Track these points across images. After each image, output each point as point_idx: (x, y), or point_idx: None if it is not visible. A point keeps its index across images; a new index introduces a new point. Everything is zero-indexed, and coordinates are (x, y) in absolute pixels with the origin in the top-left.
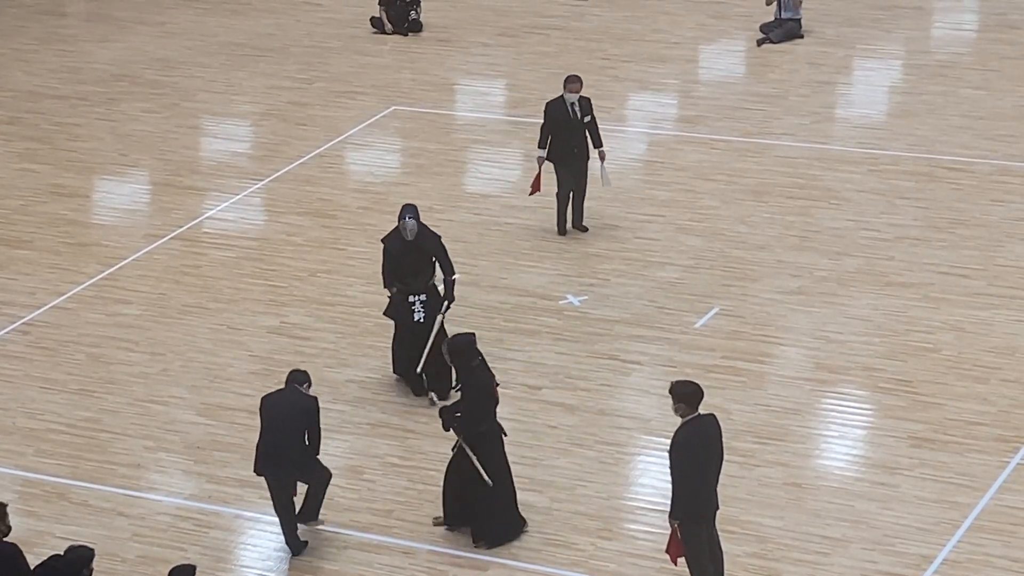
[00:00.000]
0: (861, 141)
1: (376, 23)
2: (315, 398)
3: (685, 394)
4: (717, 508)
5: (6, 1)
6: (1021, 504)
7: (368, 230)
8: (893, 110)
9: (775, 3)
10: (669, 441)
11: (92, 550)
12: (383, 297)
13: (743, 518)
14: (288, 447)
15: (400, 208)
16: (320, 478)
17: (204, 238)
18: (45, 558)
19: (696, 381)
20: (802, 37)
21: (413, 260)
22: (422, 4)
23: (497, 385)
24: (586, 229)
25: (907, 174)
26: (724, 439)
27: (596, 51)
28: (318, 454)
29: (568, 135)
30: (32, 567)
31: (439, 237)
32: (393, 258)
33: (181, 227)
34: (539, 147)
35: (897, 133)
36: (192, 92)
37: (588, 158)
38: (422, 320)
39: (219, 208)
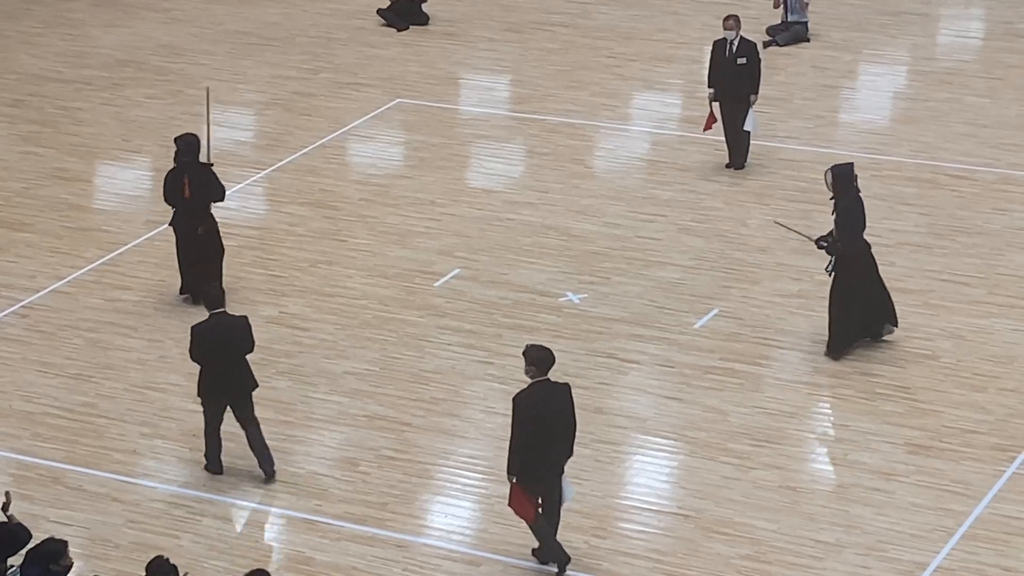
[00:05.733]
0: (864, 146)
1: (384, 15)
2: (244, 317)
3: (537, 359)
4: (561, 472)
5: None
6: (1015, 513)
7: (369, 222)
8: (897, 116)
9: (782, 6)
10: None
11: (64, 543)
12: (382, 289)
13: (737, 520)
14: (236, 373)
15: None
16: (254, 419)
17: None
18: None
19: (550, 348)
20: (808, 41)
21: None
22: None
23: None
24: (741, 166)
25: (910, 180)
26: (720, 440)
27: (602, 49)
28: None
29: (722, 73)
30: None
31: None
32: None
33: None
34: (708, 85)
35: (901, 139)
36: (197, 79)
37: (744, 100)
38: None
39: None
